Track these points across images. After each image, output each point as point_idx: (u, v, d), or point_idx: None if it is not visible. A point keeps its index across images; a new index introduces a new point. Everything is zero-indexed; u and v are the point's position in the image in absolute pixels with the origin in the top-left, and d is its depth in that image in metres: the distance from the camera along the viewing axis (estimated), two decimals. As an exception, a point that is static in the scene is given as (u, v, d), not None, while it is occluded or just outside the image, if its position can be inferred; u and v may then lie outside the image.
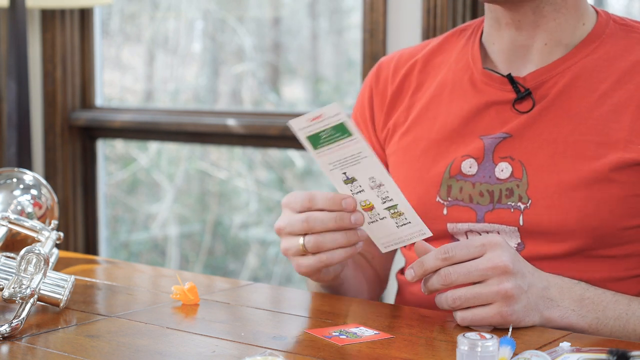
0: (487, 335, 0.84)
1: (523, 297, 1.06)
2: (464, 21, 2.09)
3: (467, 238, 1.25)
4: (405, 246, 1.16)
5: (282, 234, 1.16)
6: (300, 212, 1.13)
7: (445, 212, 1.26)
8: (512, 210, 1.21)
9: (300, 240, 1.13)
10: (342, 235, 1.11)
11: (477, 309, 1.05)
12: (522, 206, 1.21)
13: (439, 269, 1.06)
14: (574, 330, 1.09)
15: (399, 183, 1.33)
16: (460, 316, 1.05)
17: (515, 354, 0.89)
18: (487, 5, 1.28)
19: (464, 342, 0.83)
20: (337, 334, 1.02)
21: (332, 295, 1.27)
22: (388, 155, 1.36)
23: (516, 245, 1.22)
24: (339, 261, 1.13)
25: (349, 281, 1.29)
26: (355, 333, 1.03)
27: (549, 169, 1.20)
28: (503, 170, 1.23)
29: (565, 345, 0.94)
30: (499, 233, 1.23)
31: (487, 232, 1.24)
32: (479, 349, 0.83)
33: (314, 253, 1.13)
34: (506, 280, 1.04)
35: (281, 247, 1.17)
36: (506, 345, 0.88)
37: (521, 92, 1.24)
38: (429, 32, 2.10)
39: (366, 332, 1.03)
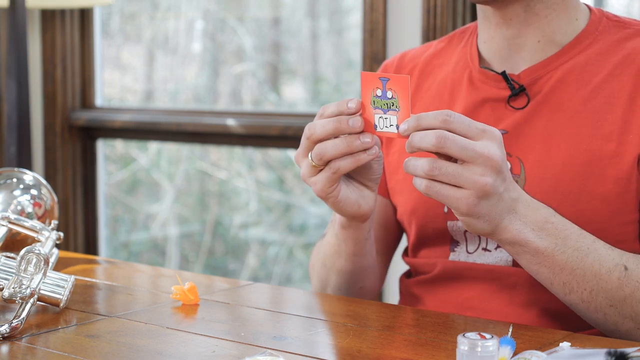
0: (487, 335, 0.84)
1: (494, 199, 1.03)
2: (464, 21, 2.09)
3: (466, 238, 1.26)
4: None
5: (298, 160, 1.14)
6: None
7: (445, 209, 1.27)
8: None
9: (309, 157, 1.11)
10: (341, 141, 1.09)
11: (447, 187, 1.01)
12: None
13: (434, 129, 1.02)
14: (528, 248, 1.07)
15: (401, 182, 1.34)
16: (427, 184, 1.02)
17: (515, 354, 0.89)
18: (478, 5, 1.29)
19: (464, 342, 0.83)
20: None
21: (332, 295, 1.27)
22: (389, 154, 1.37)
23: None
24: (347, 169, 1.10)
25: (372, 245, 1.29)
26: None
27: (544, 163, 1.21)
28: None
29: (565, 345, 0.94)
30: None
31: None
32: (479, 349, 0.83)
33: (322, 166, 1.10)
34: (489, 174, 1.02)
35: (300, 174, 1.15)
36: (506, 345, 0.88)
37: (515, 89, 1.25)
38: (429, 32, 2.10)
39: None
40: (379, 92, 1.06)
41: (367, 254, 1.28)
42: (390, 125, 1.06)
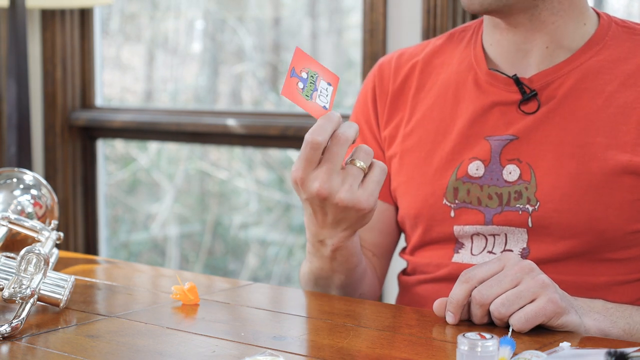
0: (487, 335, 0.84)
1: (558, 289, 1.05)
2: (464, 21, 2.09)
3: (473, 242, 1.25)
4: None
5: (318, 176, 1.07)
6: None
7: (452, 214, 1.26)
8: (520, 212, 1.21)
9: (358, 163, 1.07)
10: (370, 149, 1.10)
11: (526, 307, 1.02)
12: (531, 208, 1.20)
13: (469, 294, 1.05)
14: (613, 336, 1.08)
15: (404, 185, 1.33)
16: (516, 319, 1.01)
17: (515, 354, 0.89)
18: None
19: (464, 342, 0.83)
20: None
21: (332, 295, 1.27)
22: (389, 157, 1.35)
23: (520, 251, 1.21)
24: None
25: (361, 253, 1.26)
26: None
27: (557, 171, 1.20)
28: (511, 172, 1.23)
29: (565, 345, 0.94)
30: (506, 236, 1.22)
31: (495, 235, 1.24)
32: (479, 349, 0.83)
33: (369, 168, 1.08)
34: (538, 274, 1.04)
35: (318, 188, 1.07)
36: (506, 345, 0.88)
37: (527, 94, 1.24)
38: (429, 32, 2.10)
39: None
40: (300, 85, 1.07)
41: (361, 261, 1.27)
42: (326, 89, 1.08)
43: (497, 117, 1.26)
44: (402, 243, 1.43)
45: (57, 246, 1.35)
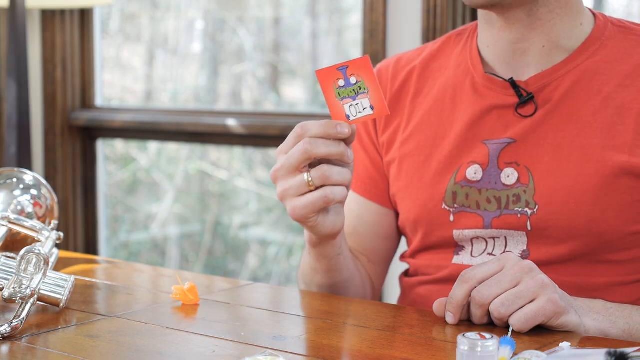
0: (487, 335, 0.84)
1: (557, 289, 1.05)
2: (464, 21, 2.09)
3: (473, 245, 1.25)
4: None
5: (280, 175, 1.10)
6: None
7: (451, 219, 1.26)
8: (519, 215, 1.21)
9: (305, 175, 1.08)
10: (347, 170, 1.08)
11: (526, 307, 1.02)
12: (529, 212, 1.20)
13: (468, 295, 1.05)
14: (612, 337, 1.08)
15: (403, 190, 1.33)
16: (515, 319, 1.01)
17: (515, 354, 0.89)
18: (480, 9, 1.28)
19: (464, 342, 0.83)
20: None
21: (332, 295, 1.27)
22: (388, 162, 1.35)
23: (520, 253, 1.21)
24: (340, 199, 1.08)
25: (346, 259, 1.26)
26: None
27: (555, 174, 1.20)
28: (509, 176, 1.23)
29: (565, 345, 0.94)
30: (506, 239, 1.22)
31: (495, 238, 1.23)
32: (479, 349, 0.83)
33: (317, 188, 1.07)
34: (537, 274, 1.04)
35: (278, 191, 1.11)
36: (506, 345, 0.88)
37: (523, 97, 1.24)
38: (429, 32, 2.10)
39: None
40: (341, 83, 1.07)
41: (342, 268, 1.26)
42: (364, 109, 1.07)
43: (494, 120, 1.25)
44: (402, 248, 1.43)
45: (57, 246, 1.35)
